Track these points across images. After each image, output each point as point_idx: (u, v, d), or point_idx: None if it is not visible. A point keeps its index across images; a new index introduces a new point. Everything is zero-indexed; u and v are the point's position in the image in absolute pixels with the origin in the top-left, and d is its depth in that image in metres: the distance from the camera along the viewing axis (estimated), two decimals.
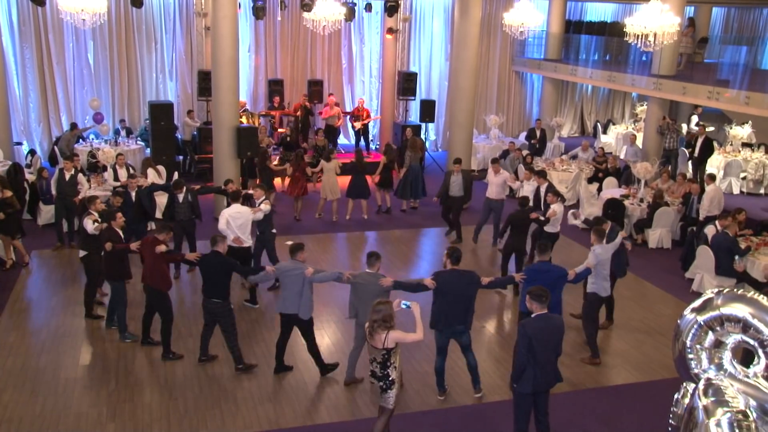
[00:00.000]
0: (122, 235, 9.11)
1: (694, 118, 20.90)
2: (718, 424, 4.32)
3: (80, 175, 12.63)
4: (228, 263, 8.35)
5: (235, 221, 10.04)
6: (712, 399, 4.53)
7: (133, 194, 11.26)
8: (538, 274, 8.04)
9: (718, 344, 4.96)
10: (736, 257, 10.81)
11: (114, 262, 8.94)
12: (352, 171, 14.66)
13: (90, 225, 9.28)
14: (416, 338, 6.53)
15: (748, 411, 4.39)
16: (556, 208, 11.09)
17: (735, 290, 5.09)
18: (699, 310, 5.04)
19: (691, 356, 5.02)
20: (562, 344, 6.77)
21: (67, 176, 12.26)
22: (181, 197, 11.11)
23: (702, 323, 4.96)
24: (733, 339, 4.93)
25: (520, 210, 11.28)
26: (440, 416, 7.67)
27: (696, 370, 5.00)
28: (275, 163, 15.44)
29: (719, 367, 4.86)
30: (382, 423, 6.69)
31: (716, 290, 5.13)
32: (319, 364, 8.47)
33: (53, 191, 12.66)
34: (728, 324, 4.85)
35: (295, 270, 8.08)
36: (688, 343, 5.04)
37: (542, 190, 12.24)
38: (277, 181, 15.39)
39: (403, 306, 6.62)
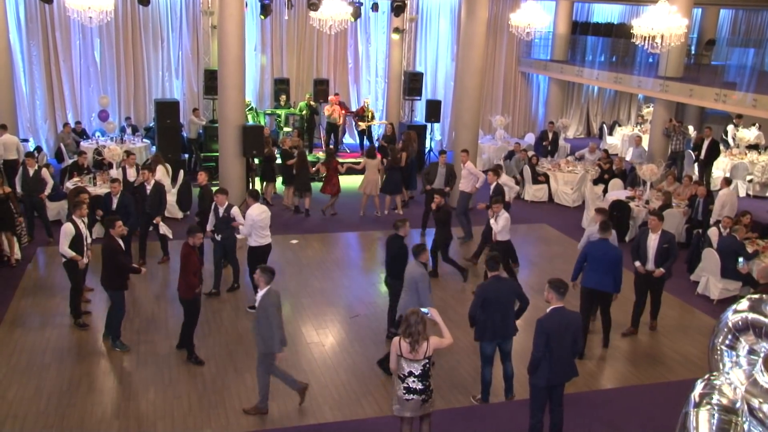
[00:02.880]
0: (122, 244, 8.86)
1: (731, 128, 20.50)
2: (707, 418, 4.27)
3: (44, 170, 12.63)
4: (405, 250, 8.92)
5: (263, 221, 10.07)
6: (705, 392, 4.49)
7: (115, 200, 10.85)
8: (598, 251, 8.90)
9: (752, 352, 4.87)
10: (740, 260, 10.76)
11: (115, 272, 8.66)
12: (389, 168, 15.00)
13: (66, 246, 8.97)
14: (450, 342, 6.47)
15: (737, 409, 4.34)
16: (506, 214, 10.87)
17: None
18: (733, 314, 4.94)
19: (725, 360, 4.93)
20: (581, 340, 6.88)
21: (31, 172, 12.23)
22: (148, 188, 11.25)
23: (732, 328, 4.87)
24: (765, 347, 4.83)
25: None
26: (445, 416, 7.65)
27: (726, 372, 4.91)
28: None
29: (748, 374, 4.77)
30: (428, 426, 6.54)
31: (757, 296, 5.02)
32: None
33: (18, 189, 12.28)
34: (755, 331, 4.75)
35: (413, 272, 8.12)
36: (723, 347, 4.94)
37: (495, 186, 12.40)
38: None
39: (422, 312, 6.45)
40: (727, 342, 4.93)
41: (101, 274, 8.79)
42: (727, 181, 13.76)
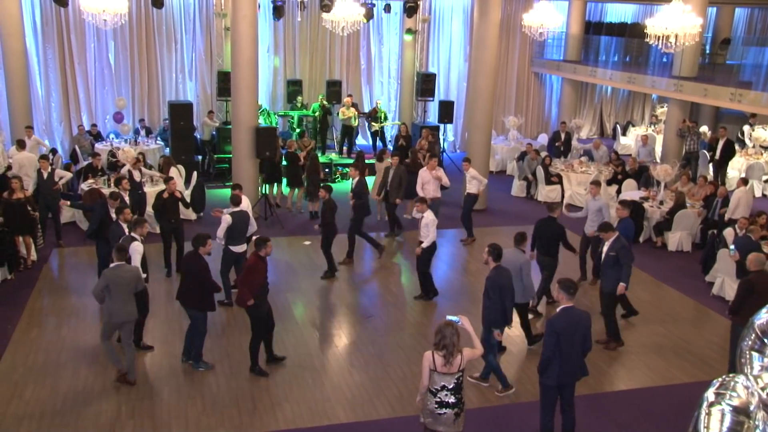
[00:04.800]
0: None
1: (746, 129, 20.20)
2: (719, 419, 4.22)
3: (57, 170, 12.75)
4: (562, 230, 10.05)
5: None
6: (718, 392, 4.44)
7: (113, 212, 10.10)
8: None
9: None
10: (732, 247, 10.64)
11: (201, 291, 8.21)
12: (410, 172, 14.49)
13: (139, 264, 8.31)
14: (481, 352, 6.41)
15: (750, 412, 4.29)
16: (430, 216, 10.37)
17: None
18: (762, 316, 4.86)
19: (754, 364, 4.85)
20: (591, 339, 6.84)
21: (45, 175, 12.25)
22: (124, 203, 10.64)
23: (759, 332, 4.79)
24: None
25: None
26: None
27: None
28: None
29: None
30: None
31: None
32: (527, 336, 9.24)
33: (29, 191, 12.12)
34: None
35: (513, 256, 8.67)
36: (752, 351, 4.86)
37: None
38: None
39: (452, 321, 6.25)
40: (756, 346, 4.85)
41: (182, 293, 8.30)
42: (744, 181, 13.65)
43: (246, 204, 10.63)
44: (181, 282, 8.43)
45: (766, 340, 4.77)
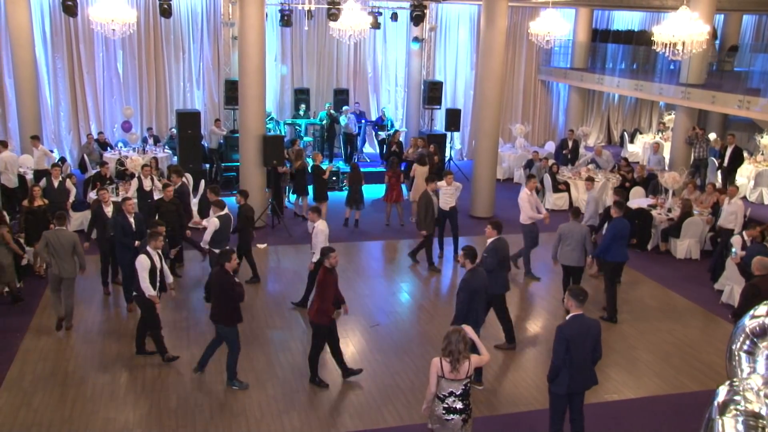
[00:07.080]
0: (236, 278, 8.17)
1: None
2: (734, 424, 4.21)
3: (68, 181, 12.81)
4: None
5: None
6: (729, 398, 4.43)
7: (131, 217, 10.21)
8: (624, 228, 10.39)
9: None
10: (733, 250, 10.61)
11: (229, 306, 8.00)
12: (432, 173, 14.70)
13: (147, 282, 8.38)
14: (487, 359, 6.44)
15: (762, 413, 4.27)
16: (320, 226, 9.96)
17: None
18: (751, 319, 4.85)
19: (743, 366, 4.84)
20: (601, 347, 6.80)
21: (56, 183, 12.32)
22: (108, 210, 10.64)
23: (750, 334, 4.78)
24: None
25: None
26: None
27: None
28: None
29: (767, 379, 4.68)
30: None
31: None
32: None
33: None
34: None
35: (577, 228, 10.26)
36: (741, 353, 4.86)
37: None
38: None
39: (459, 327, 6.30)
40: (745, 348, 4.85)
41: (212, 310, 8.18)
42: (736, 189, 13.66)
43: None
44: (213, 301, 8.18)
45: (756, 340, 4.77)
